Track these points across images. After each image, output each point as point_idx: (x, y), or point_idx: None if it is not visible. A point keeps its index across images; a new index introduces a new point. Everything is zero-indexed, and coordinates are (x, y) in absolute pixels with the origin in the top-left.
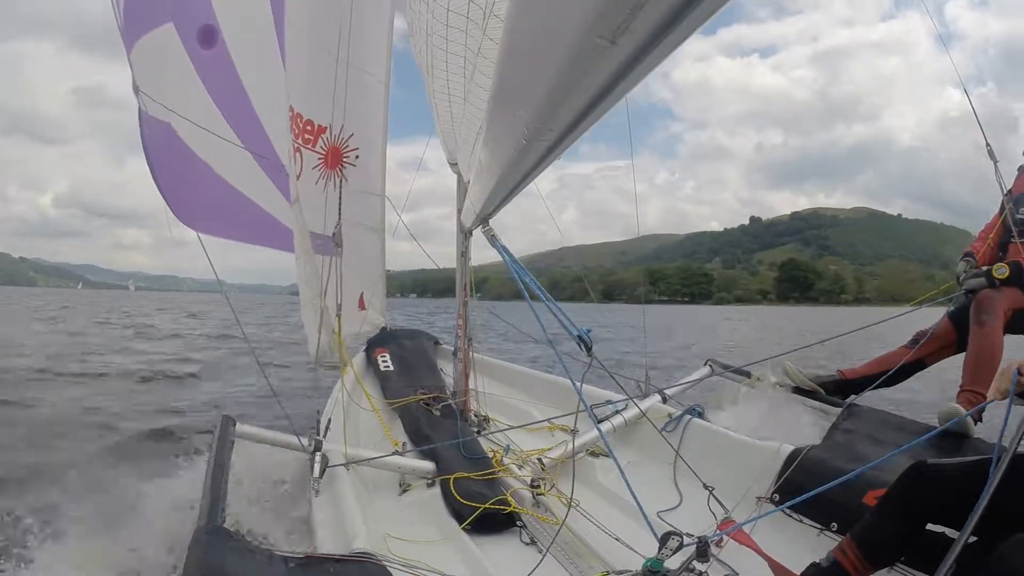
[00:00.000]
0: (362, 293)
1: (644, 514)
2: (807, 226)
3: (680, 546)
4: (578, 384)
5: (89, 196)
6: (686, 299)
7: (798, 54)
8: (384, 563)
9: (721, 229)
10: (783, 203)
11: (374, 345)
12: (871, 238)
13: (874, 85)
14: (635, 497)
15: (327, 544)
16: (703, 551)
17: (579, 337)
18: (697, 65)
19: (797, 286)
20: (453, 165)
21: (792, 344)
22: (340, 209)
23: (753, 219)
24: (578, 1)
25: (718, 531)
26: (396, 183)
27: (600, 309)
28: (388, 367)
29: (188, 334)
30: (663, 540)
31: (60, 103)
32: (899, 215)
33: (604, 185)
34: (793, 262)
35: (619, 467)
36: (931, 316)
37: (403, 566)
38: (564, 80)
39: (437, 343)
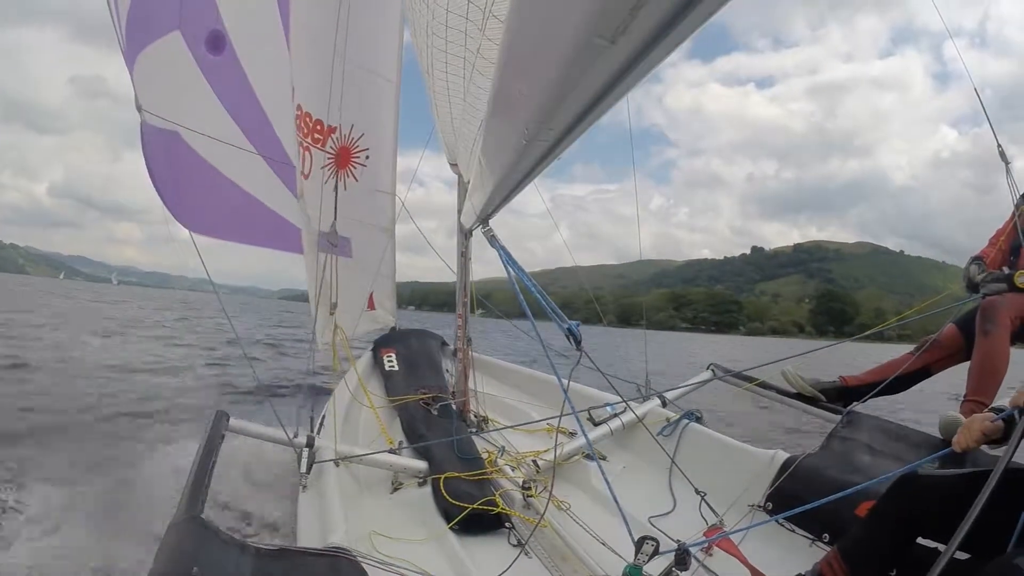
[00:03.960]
0: (372, 293)
1: (625, 519)
2: (810, 258)
3: (655, 551)
4: (564, 381)
5: (84, 187)
6: (712, 328)
7: (795, 86)
8: (358, 559)
9: (717, 257)
10: (776, 234)
11: (381, 345)
12: (875, 274)
13: (870, 121)
14: (616, 501)
15: (306, 538)
16: (682, 559)
17: (568, 330)
18: (691, 91)
19: (833, 319)
20: (453, 165)
21: None
22: (336, 208)
23: (755, 248)
24: (578, 1)
25: (703, 538)
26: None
27: (627, 335)
28: (393, 367)
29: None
30: (638, 545)
31: (59, 93)
32: (901, 251)
33: (596, 208)
34: (831, 293)
35: (602, 471)
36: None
37: (380, 563)
38: (564, 80)
39: (444, 344)
